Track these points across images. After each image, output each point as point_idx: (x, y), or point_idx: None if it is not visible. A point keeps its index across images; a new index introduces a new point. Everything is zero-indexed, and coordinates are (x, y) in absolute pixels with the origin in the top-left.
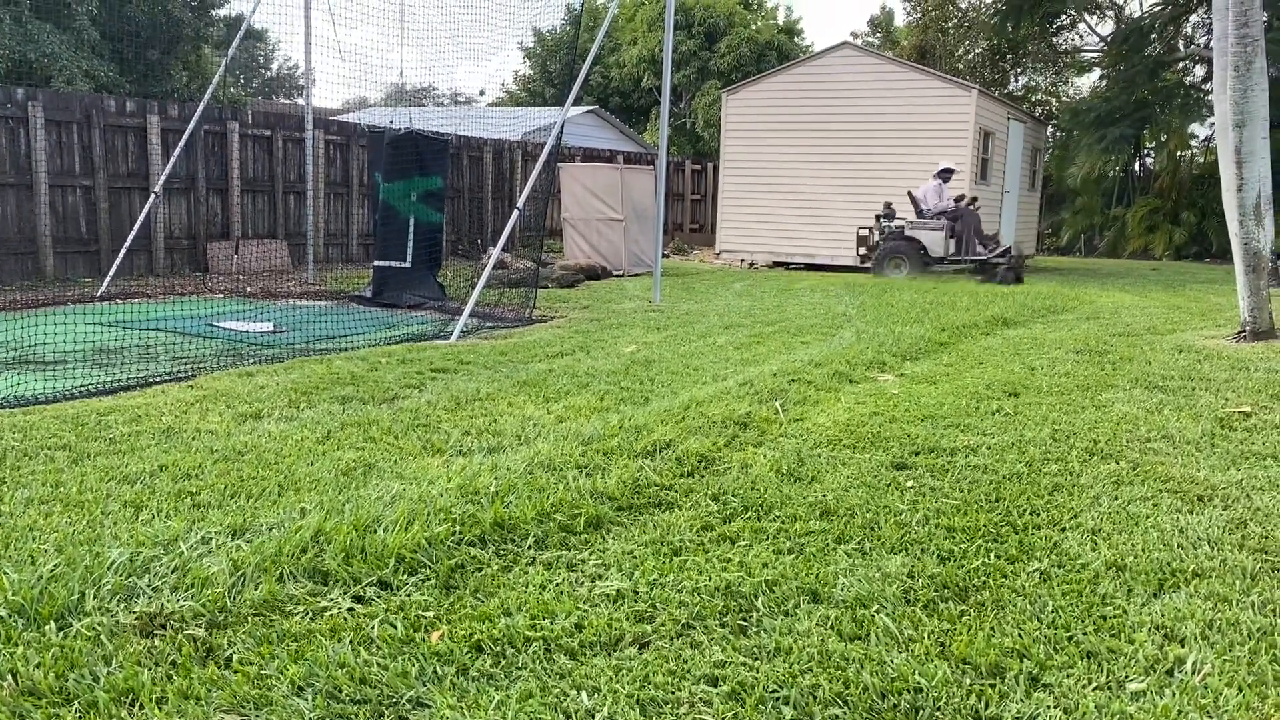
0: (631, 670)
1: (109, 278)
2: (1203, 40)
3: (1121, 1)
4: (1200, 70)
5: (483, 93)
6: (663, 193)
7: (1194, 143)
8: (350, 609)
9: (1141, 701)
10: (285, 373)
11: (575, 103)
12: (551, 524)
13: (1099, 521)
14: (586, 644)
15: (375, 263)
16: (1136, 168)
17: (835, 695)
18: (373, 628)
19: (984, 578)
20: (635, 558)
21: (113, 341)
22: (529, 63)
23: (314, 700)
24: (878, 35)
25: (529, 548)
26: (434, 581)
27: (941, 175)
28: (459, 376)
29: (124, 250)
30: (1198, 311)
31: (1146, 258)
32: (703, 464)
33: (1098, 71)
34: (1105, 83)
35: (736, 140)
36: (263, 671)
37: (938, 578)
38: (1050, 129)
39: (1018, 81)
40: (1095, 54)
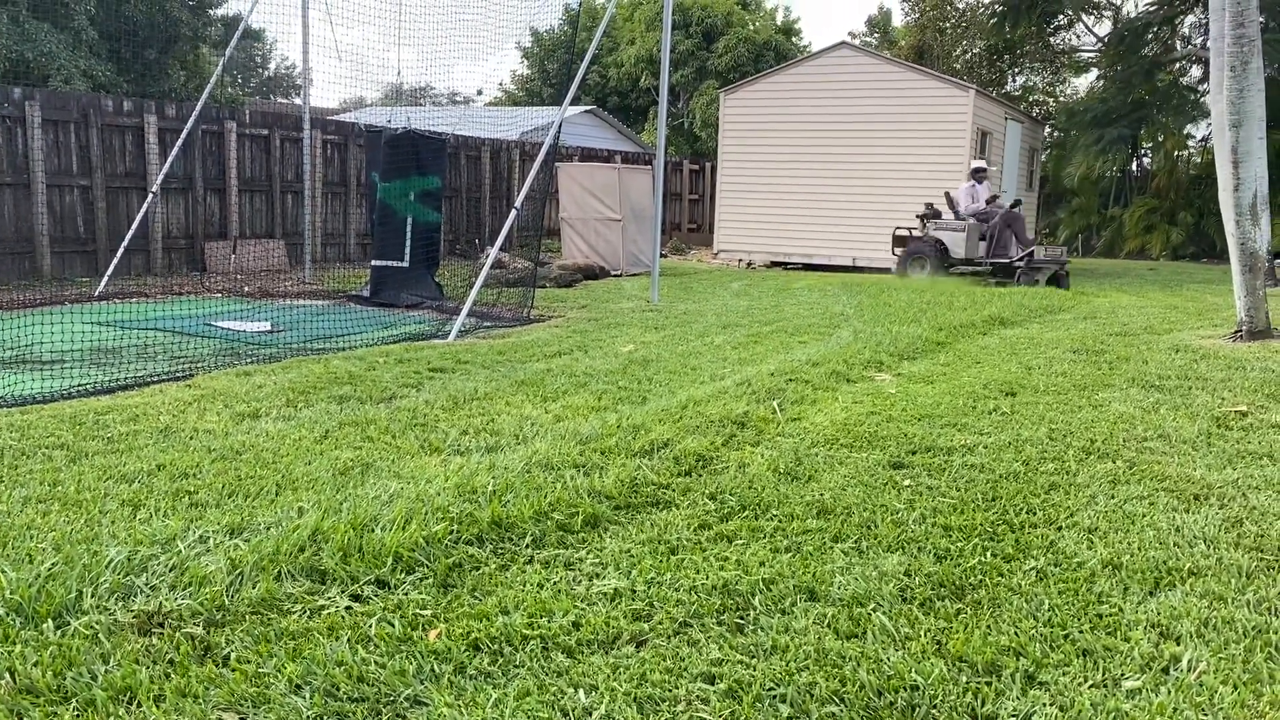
0: (629, 668)
1: (106, 277)
2: (1199, 40)
3: (1119, 1)
4: (1197, 70)
5: (480, 92)
6: (660, 192)
7: (1191, 143)
8: (348, 608)
9: (1137, 699)
10: (283, 372)
11: (573, 102)
12: (549, 523)
13: (1095, 520)
14: (584, 642)
15: (373, 262)
16: (1133, 168)
17: (832, 693)
18: (370, 626)
19: (980, 576)
20: (633, 556)
21: (110, 341)
22: (526, 63)
23: (312, 698)
24: (875, 35)
25: (526, 546)
26: (431, 580)
27: (975, 175)
28: (457, 376)
29: (121, 250)
30: (1194, 311)
31: (1143, 258)
32: (700, 463)
33: (1095, 72)
34: (1102, 83)
35: (734, 140)
36: (260, 670)
37: (934, 576)
38: (1047, 129)
39: (1015, 81)
40: (1092, 54)
